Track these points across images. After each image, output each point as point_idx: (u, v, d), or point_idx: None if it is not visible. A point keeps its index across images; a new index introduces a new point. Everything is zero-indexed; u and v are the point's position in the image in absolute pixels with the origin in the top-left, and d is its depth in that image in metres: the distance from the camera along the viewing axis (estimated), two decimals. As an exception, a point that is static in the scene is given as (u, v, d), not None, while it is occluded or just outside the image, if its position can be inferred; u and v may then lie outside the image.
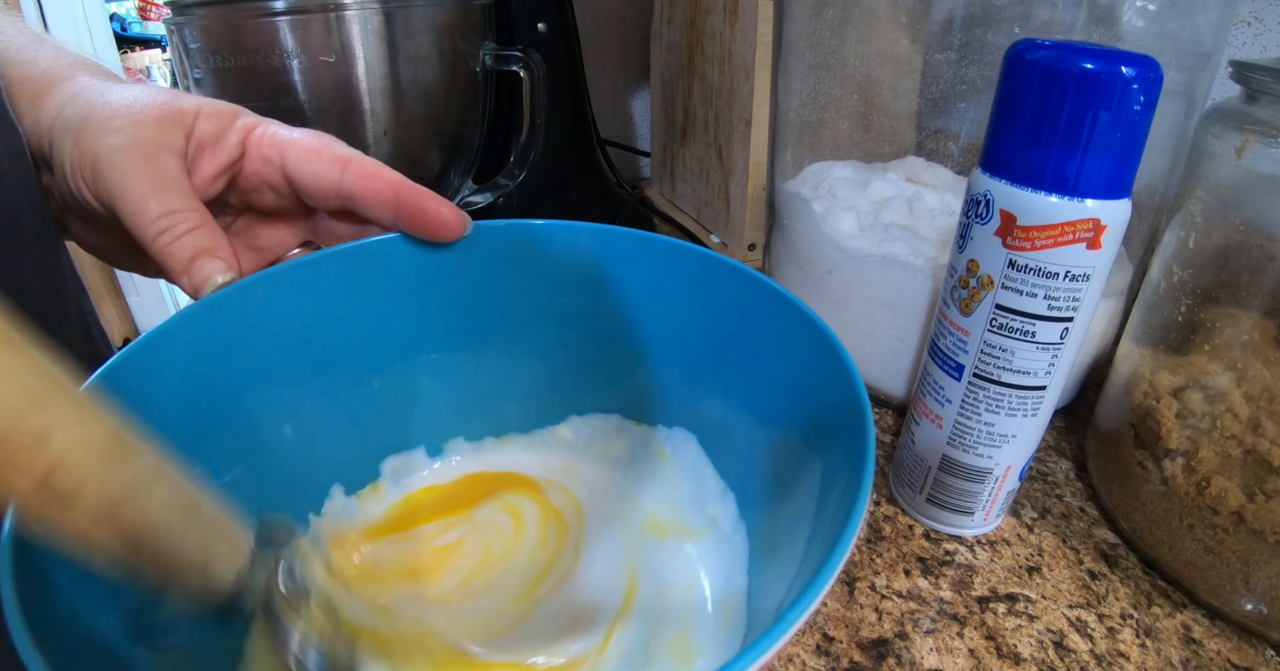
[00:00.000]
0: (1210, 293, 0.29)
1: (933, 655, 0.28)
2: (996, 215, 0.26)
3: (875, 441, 0.19)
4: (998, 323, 0.28)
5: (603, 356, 0.31)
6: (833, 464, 0.21)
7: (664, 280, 0.29)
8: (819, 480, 0.21)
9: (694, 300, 0.28)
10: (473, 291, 0.30)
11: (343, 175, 0.27)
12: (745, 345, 0.27)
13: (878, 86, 0.44)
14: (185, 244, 0.25)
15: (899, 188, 0.41)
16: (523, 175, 0.56)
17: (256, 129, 0.28)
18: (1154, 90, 0.23)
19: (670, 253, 0.28)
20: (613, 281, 0.29)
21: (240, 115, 0.28)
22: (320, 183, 0.27)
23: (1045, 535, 0.33)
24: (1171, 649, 0.28)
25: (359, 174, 0.27)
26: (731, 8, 0.50)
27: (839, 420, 0.21)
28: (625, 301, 0.29)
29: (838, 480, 0.20)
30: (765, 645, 0.14)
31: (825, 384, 0.22)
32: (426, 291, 0.29)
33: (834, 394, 0.22)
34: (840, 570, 0.16)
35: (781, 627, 0.14)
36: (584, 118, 0.61)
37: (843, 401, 0.21)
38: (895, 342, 0.38)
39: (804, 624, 0.15)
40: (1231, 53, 0.47)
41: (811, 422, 0.23)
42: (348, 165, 0.27)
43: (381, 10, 0.45)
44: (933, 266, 0.36)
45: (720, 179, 0.57)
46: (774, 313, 0.25)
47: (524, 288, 0.30)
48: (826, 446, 0.22)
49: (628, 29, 0.76)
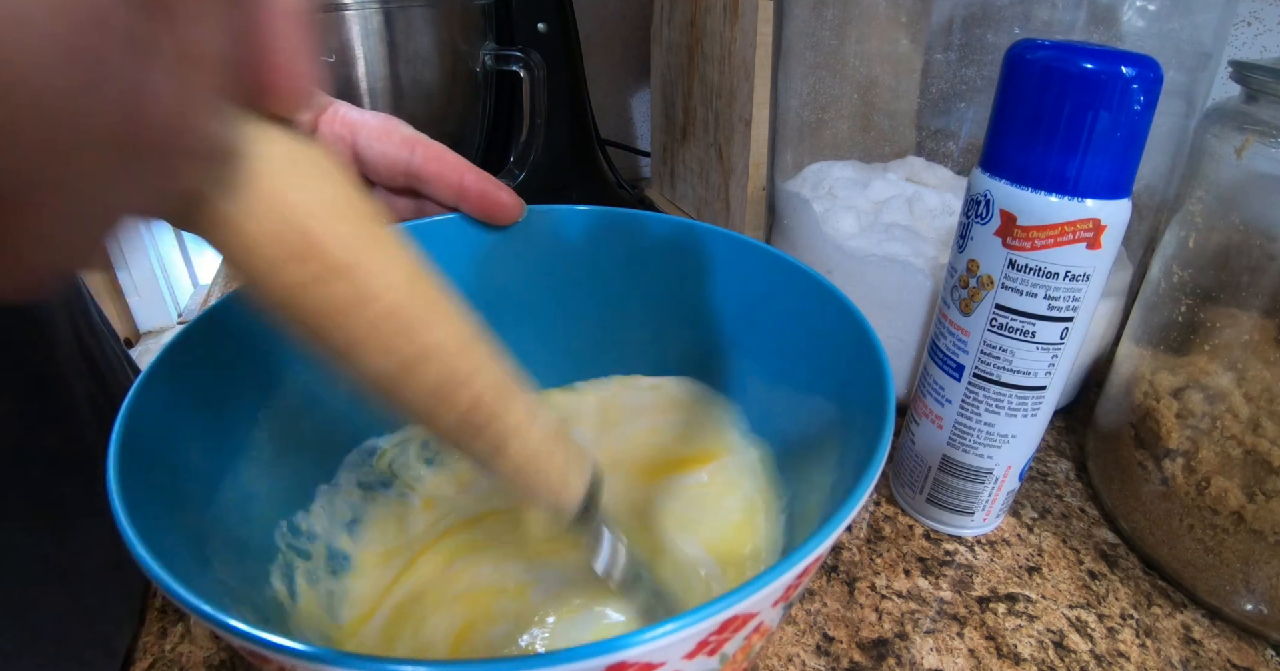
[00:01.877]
0: (1210, 293, 0.29)
1: (933, 655, 0.28)
2: (996, 215, 0.26)
3: (895, 396, 0.21)
4: (998, 323, 0.28)
5: (644, 330, 0.33)
6: (855, 408, 0.23)
7: (702, 262, 0.30)
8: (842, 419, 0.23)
9: (731, 281, 0.30)
10: (523, 270, 0.32)
11: (412, 155, 0.28)
12: (776, 320, 0.29)
13: (878, 86, 0.44)
14: None
15: (899, 188, 0.41)
16: (523, 175, 0.56)
17: (329, 107, 0.29)
18: (1154, 90, 0.23)
19: (709, 239, 0.30)
20: (653, 263, 0.31)
21: (315, 93, 0.29)
22: (389, 162, 0.29)
23: (1045, 535, 0.33)
24: (1171, 649, 0.28)
25: (427, 156, 0.28)
26: (731, 8, 0.50)
27: (862, 379, 0.23)
28: (664, 281, 0.31)
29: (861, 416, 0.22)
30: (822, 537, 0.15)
31: (848, 347, 0.24)
32: (480, 267, 0.31)
33: (855, 352, 0.24)
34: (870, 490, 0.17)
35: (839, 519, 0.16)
36: (584, 118, 0.61)
37: (865, 362, 0.23)
38: (895, 342, 0.38)
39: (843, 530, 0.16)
40: (1231, 53, 0.47)
41: (838, 383, 0.25)
42: (416, 146, 0.29)
43: (381, 10, 0.45)
44: (933, 266, 0.36)
45: (720, 179, 0.57)
46: (805, 292, 0.27)
47: (570, 268, 0.32)
48: (852, 401, 0.23)
49: (628, 29, 0.76)
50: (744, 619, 0.15)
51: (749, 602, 0.14)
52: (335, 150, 0.29)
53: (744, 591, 0.14)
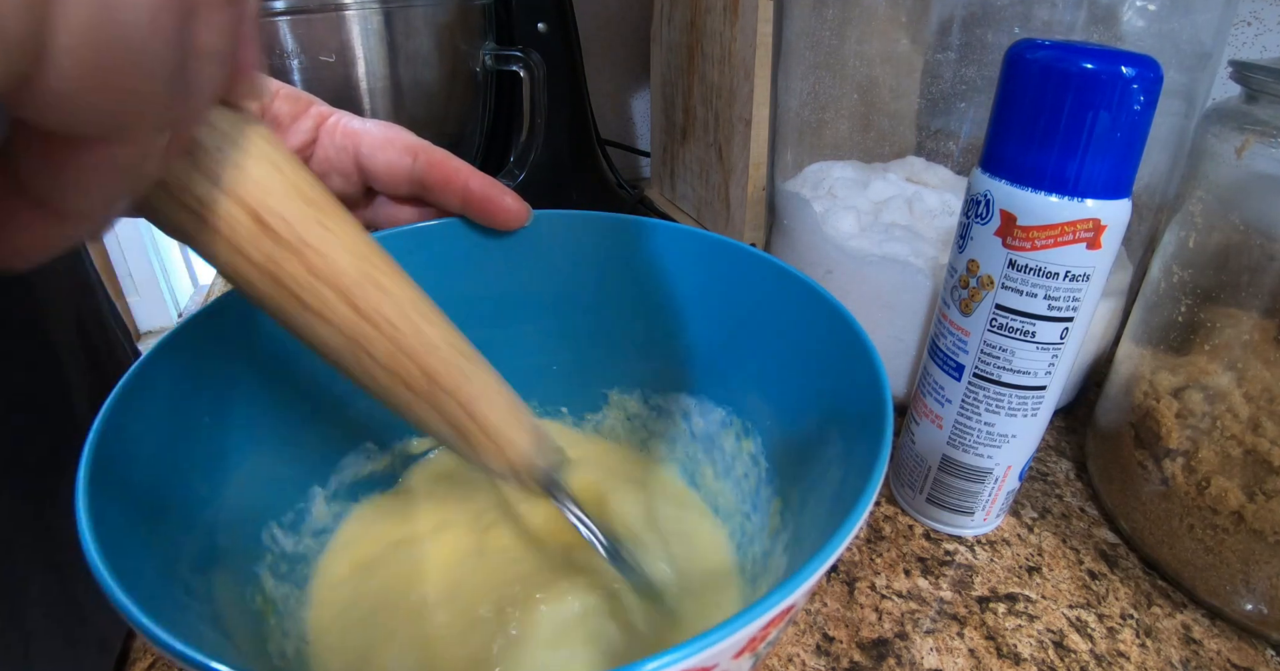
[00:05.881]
0: (1210, 293, 0.29)
1: (933, 655, 0.28)
2: (996, 215, 0.26)
3: (893, 409, 0.20)
4: (998, 322, 0.28)
5: (640, 337, 0.33)
6: (852, 426, 0.22)
7: (701, 271, 0.30)
8: (841, 442, 0.23)
9: (727, 290, 0.30)
10: (523, 274, 0.31)
11: (415, 162, 0.29)
12: (771, 329, 0.28)
13: (878, 86, 0.44)
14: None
15: (899, 188, 0.41)
16: (523, 175, 0.56)
17: (330, 117, 0.29)
18: (1154, 90, 0.23)
19: (713, 248, 0.30)
20: (654, 271, 0.31)
21: (315, 103, 0.30)
22: (393, 170, 0.29)
23: (1045, 535, 0.33)
24: (1171, 649, 0.28)
25: (430, 162, 0.28)
26: (731, 8, 0.50)
27: (858, 390, 0.22)
28: (664, 288, 0.31)
29: (860, 436, 0.21)
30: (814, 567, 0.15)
31: (843, 356, 0.24)
32: (480, 273, 0.31)
33: (851, 361, 0.23)
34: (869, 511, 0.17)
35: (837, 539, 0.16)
36: (584, 118, 0.61)
37: (860, 370, 0.22)
38: (895, 343, 0.38)
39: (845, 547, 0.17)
40: (1231, 53, 0.47)
41: (833, 396, 0.25)
42: (419, 153, 0.29)
43: (381, 10, 0.45)
44: (933, 266, 0.36)
45: (720, 179, 0.57)
46: (799, 300, 0.27)
47: (574, 273, 0.32)
48: (847, 417, 0.23)
49: (628, 29, 0.76)
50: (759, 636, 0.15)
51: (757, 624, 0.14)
52: (335, 159, 0.30)
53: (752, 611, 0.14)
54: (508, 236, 0.30)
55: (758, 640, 0.16)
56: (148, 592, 0.16)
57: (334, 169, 0.30)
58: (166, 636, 0.14)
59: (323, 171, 0.30)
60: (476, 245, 0.30)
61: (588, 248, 0.31)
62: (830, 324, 0.25)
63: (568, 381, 0.34)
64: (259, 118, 0.17)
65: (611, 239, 0.31)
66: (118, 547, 0.17)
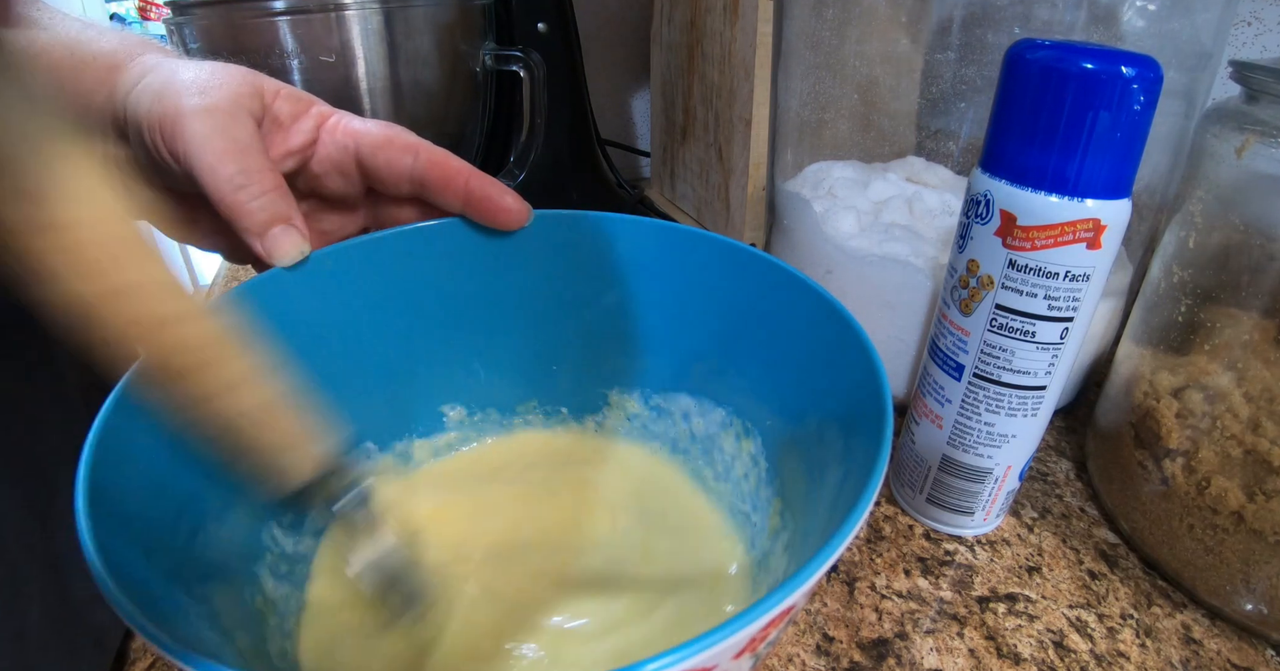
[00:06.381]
0: (1210, 293, 0.29)
1: (933, 655, 0.28)
2: (996, 215, 0.26)
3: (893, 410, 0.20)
4: (998, 322, 0.28)
5: (640, 337, 0.33)
6: (854, 428, 0.22)
7: (702, 271, 0.30)
8: (842, 444, 0.23)
9: (727, 290, 0.30)
10: (524, 275, 0.31)
11: (415, 162, 0.29)
12: (771, 329, 0.28)
13: (878, 86, 0.44)
14: (262, 205, 0.26)
15: (899, 188, 0.41)
16: (523, 175, 0.56)
17: (330, 117, 0.29)
18: (1154, 90, 0.23)
19: (713, 248, 0.30)
20: (654, 271, 0.31)
21: (316, 103, 0.30)
22: (393, 170, 0.29)
23: (1045, 535, 0.33)
24: (1171, 649, 0.28)
25: (430, 162, 0.29)
26: (731, 8, 0.50)
27: (858, 390, 0.22)
28: (664, 288, 0.31)
29: (860, 441, 0.21)
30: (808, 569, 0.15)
31: (843, 356, 0.24)
32: (481, 273, 0.31)
33: (851, 361, 0.23)
34: (868, 513, 0.17)
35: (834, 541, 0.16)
36: (584, 118, 0.61)
37: (860, 370, 0.22)
38: (895, 343, 0.38)
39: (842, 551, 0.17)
40: (1231, 53, 0.47)
41: (833, 396, 0.25)
42: (419, 153, 0.29)
43: (381, 10, 0.45)
44: (933, 266, 0.36)
45: (720, 179, 0.57)
46: (799, 300, 0.27)
47: (574, 273, 0.31)
48: (848, 417, 0.23)
49: (628, 29, 0.76)
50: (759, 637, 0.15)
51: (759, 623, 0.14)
52: (336, 160, 0.30)
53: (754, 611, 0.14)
54: (508, 236, 0.30)
55: (758, 640, 0.16)
56: (147, 593, 0.16)
57: (335, 169, 0.30)
58: (167, 638, 0.14)
59: (323, 171, 0.30)
60: (477, 245, 0.30)
61: (588, 248, 0.31)
62: (830, 324, 0.25)
63: (568, 381, 0.34)
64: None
65: (611, 239, 0.31)
66: (117, 548, 0.17)
